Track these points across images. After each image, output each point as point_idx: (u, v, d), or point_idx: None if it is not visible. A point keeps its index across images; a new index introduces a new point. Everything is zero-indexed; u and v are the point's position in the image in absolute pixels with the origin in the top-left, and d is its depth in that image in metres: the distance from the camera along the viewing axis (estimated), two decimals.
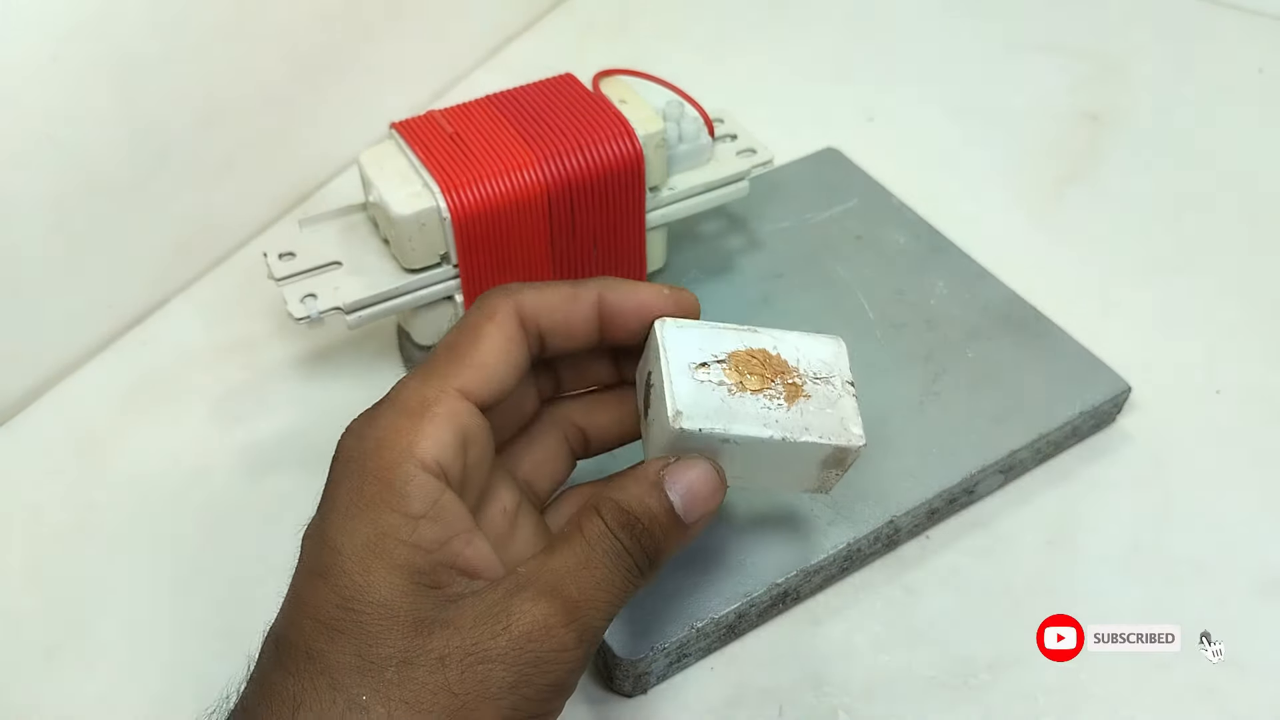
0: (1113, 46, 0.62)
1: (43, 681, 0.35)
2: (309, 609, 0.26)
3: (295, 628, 0.26)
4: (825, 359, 0.31)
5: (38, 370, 0.44)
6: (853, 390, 0.31)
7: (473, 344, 0.29)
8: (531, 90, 0.41)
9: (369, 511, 0.26)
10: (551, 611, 0.26)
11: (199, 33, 0.45)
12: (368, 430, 0.27)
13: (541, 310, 0.30)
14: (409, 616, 0.25)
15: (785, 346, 0.31)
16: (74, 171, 0.42)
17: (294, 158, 0.52)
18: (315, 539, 0.27)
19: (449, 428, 0.27)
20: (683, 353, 0.30)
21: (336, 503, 0.27)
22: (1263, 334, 0.45)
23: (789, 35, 0.64)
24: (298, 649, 0.25)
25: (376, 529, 0.26)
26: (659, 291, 0.31)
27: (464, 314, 0.30)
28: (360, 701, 0.24)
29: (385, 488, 0.26)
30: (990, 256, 0.46)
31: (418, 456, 0.27)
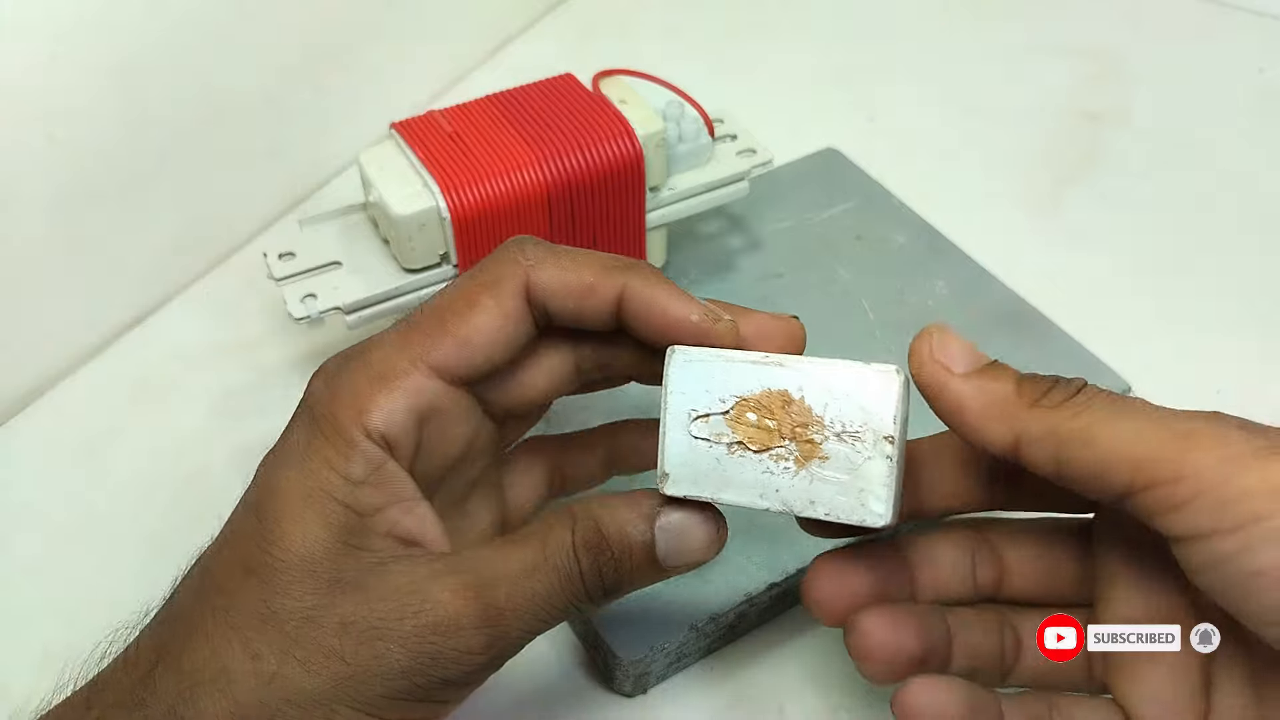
0: (1113, 46, 0.62)
1: (42, 681, 0.35)
2: (234, 542, 0.26)
3: (218, 557, 0.26)
4: (865, 404, 0.25)
5: (38, 370, 0.44)
6: (890, 450, 0.25)
7: (463, 314, 0.27)
8: (531, 90, 0.41)
9: (312, 463, 0.26)
10: (466, 611, 0.25)
11: (199, 33, 0.45)
12: (334, 380, 0.27)
13: (553, 293, 0.27)
14: (327, 574, 0.25)
15: (813, 387, 0.25)
16: (74, 171, 0.42)
17: (294, 157, 0.52)
18: (262, 474, 0.27)
19: (406, 403, 0.26)
20: (687, 396, 0.26)
21: (288, 444, 0.27)
22: (1263, 334, 0.45)
23: (789, 35, 0.64)
24: (214, 581, 0.26)
25: (315, 481, 0.26)
26: (688, 314, 0.27)
27: (473, 269, 0.28)
28: (253, 648, 0.24)
29: (331, 446, 0.26)
30: (990, 256, 0.46)
31: (364, 425, 0.26)
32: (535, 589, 0.26)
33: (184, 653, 0.25)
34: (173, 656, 0.25)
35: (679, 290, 0.27)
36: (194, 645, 0.25)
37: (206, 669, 0.24)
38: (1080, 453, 0.24)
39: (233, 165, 0.49)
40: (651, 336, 0.28)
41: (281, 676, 0.24)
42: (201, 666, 0.24)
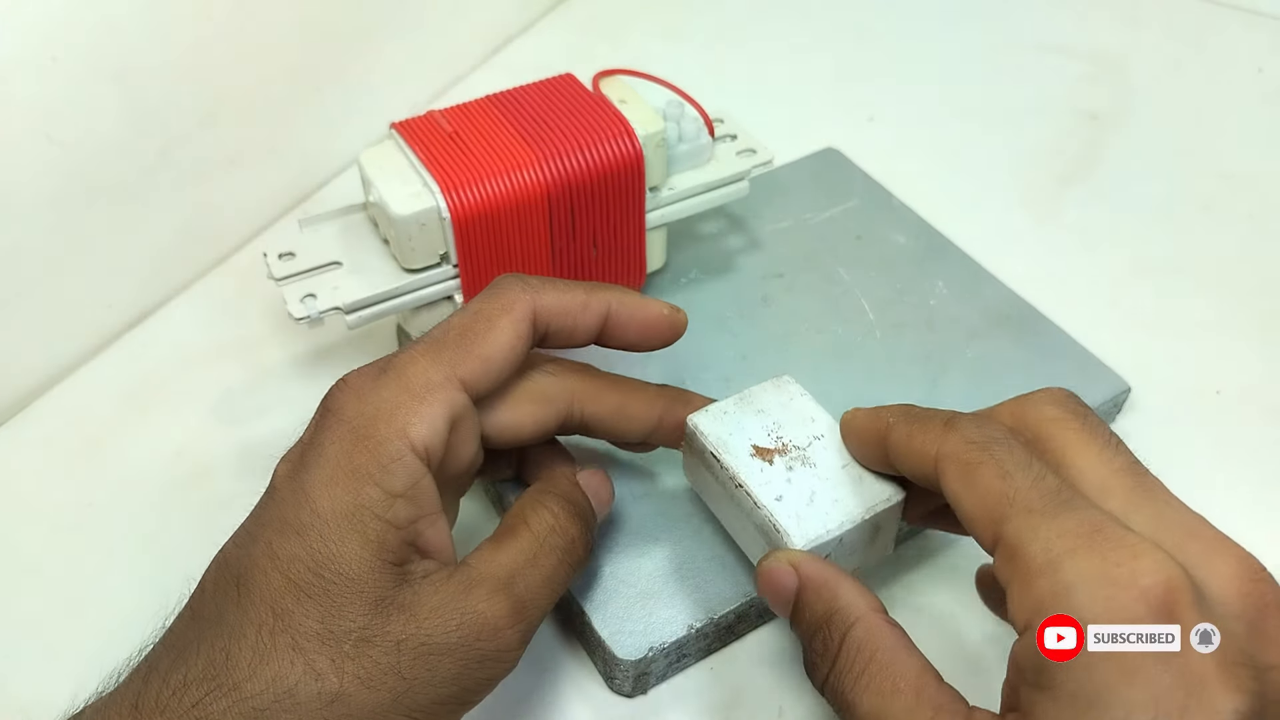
0: (1113, 46, 0.62)
1: (42, 681, 0.35)
2: (281, 563, 0.26)
3: (264, 577, 0.26)
4: (809, 412, 0.33)
5: (38, 370, 0.44)
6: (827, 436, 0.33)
7: (484, 334, 0.30)
8: (531, 90, 0.41)
9: (353, 480, 0.27)
10: (502, 613, 0.28)
11: (199, 33, 0.45)
12: (370, 395, 0.28)
13: (555, 314, 0.31)
14: (372, 593, 0.26)
15: (766, 406, 0.34)
16: (74, 171, 0.42)
17: (294, 157, 0.52)
18: (296, 489, 0.27)
19: (444, 414, 0.28)
20: (740, 458, 0.32)
21: (324, 459, 0.27)
22: (1263, 334, 0.45)
23: (789, 35, 0.64)
24: (263, 601, 0.26)
25: (357, 499, 0.27)
26: (660, 310, 0.33)
27: (482, 297, 0.31)
28: (317, 668, 0.25)
29: (373, 461, 0.27)
30: (990, 256, 0.46)
31: (410, 437, 0.27)
32: (544, 573, 0.29)
33: (244, 678, 0.25)
34: (229, 680, 0.25)
35: (644, 299, 0.33)
36: (254, 669, 0.25)
37: (269, 692, 0.25)
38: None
39: (232, 165, 0.49)
40: (631, 337, 0.33)
41: (345, 695, 0.25)
42: (264, 690, 0.25)
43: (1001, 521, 0.25)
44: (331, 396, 0.29)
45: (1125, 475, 0.26)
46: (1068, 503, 0.24)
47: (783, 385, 0.34)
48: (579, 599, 0.34)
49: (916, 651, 0.27)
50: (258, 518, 0.28)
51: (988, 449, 0.26)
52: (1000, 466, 0.26)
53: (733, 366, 0.41)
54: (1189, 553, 0.24)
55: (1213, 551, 0.24)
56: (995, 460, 0.26)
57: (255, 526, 0.27)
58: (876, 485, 0.31)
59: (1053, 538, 0.24)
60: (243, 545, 0.27)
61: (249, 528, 0.28)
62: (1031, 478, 0.25)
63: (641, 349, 0.34)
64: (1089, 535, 0.23)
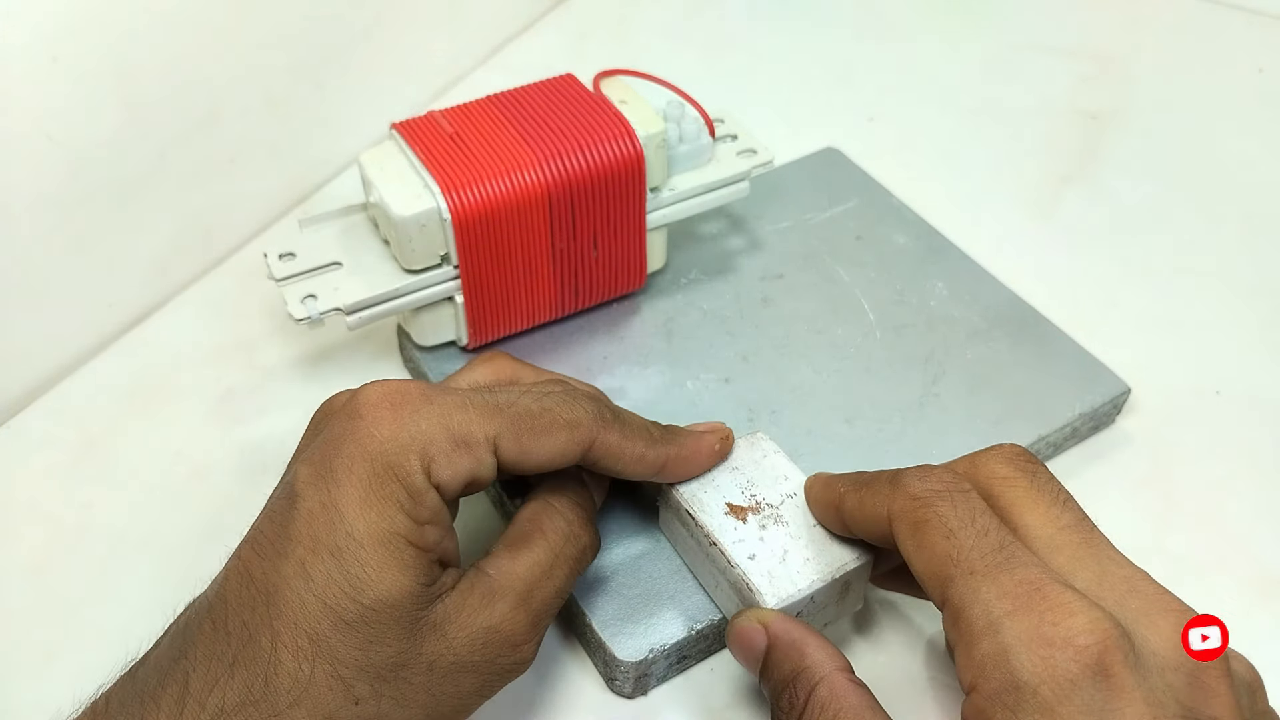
0: (1113, 46, 0.62)
1: (43, 682, 0.35)
2: (316, 586, 0.26)
3: (299, 599, 0.26)
4: (782, 470, 0.34)
5: (38, 370, 0.44)
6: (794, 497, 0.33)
7: (539, 434, 0.29)
8: (532, 90, 0.41)
9: (385, 504, 0.27)
10: (523, 626, 0.29)
11: (199, 33, 0.45)
12: (409, 422, 0.28)
13: (607, 456, 0.31)
14: (408, 619, 0.26)
15: (746, 467, 0.34)
16: (74, 171, 0.42)
17: (294, 158, 0.52)
18: (327, 505, 0.26)
19: (469, 469, 0.28)
20: (715, 517, 0.33)
21: (354, 477, 0.27)
22: (1263, 334, 0.45)
23: (789, 35, 0.64)
24: (299, 625, 0.25)
25: (391, 526, 0.26)
26: (711, 448, 0.34)
27: (558, 395, 0.30)
28: (357, 694, 0.26)
29: (403, 490, 0.27)
30: (990, 257, 0.46)
31: (433, 475, 0.27)
32: (557, 582, 0.30)
33: (285, 706, 0.25)
34: (270, 709, 0.25)
35: (699, 444, 0.33)
36: (296, 698, 0.25)
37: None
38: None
39: (233, 165, 0.48)
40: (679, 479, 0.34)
41: (380, 716, 0.26)
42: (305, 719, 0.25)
43: (946, 583, 0.26)
44: (365, 401, 0.28)
45: (1071, 532, 0.26)
46: (1008, 561, 0.25)
47: (756, 442, 0.35)
48: (580, 600, 0.34)
49: (881, 711, 0.27)
50: (284, 529, 0.27)
51: (931, 505, 0.27)
52: (944, 524, 0.26)
53: (733, 367, 0.41)
54: (1129, 609, 0.24)
55: (1153, 607, 0.25)
56: (939, 517, 0.26)
57: (281, 540, 0.27)
58: (847, 544, 0.32)
59: (992, 599, 0.24)
60: (269, 559, 0.26)
61: (273, 539, 0.27)
62: (974, 535, 0.26)
63: None
64: (1027, 596, 0.24)
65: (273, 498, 0.29)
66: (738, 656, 0.30)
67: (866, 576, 0.33)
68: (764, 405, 0.40)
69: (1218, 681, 0.24)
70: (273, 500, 0.28)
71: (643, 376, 0.41)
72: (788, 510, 0.33)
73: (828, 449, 0.38)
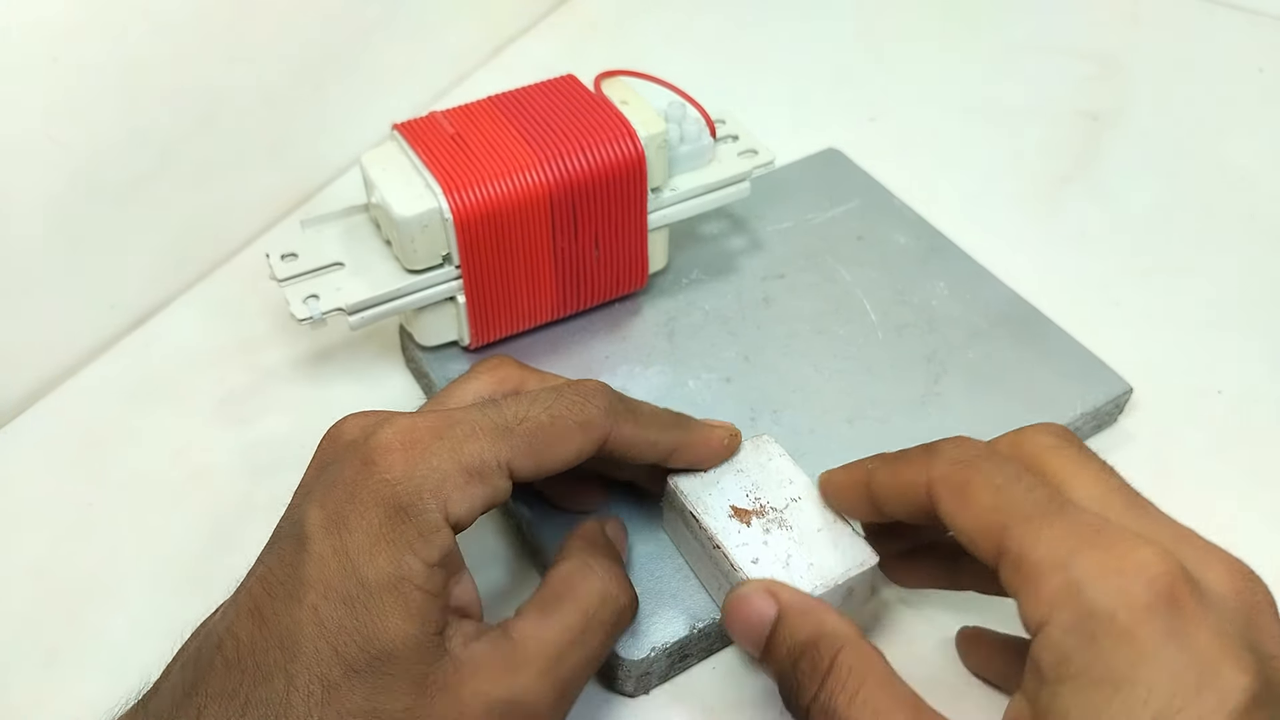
0: (1113, 46, 0.62)
1: (43, 682, 0.35)
2: (329, 633, 0.25)
3: (312, 645, 0.25)
4: (787, 474, 0.34)
5: (39, 371, 0.44)
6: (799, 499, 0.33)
7: (553, 445, 0.29)
8: (533, 91, 0.41)
9: (394, 548, 0.26)
10: (547, 699, 0.27)
11: (199, 33, 0.45)
12: (420, 461, 0.27)
13: (622, 446, 0.31)
14: (418, 671, 0.26)
15: (752, 471, 0.34)
16: (74, 171, 0.42)
17: (296, 158, 0.52)
18: (338, 550, 0.26)
19: (486, 497, 0.28)
20: (719, 519, 0.33)
21: (365, 522, 0.26)
22: (1263, 334, 0.45)
23: (790, 35, 0.64)
24: (312, 671, 0.25)
25: (399, 570, 0.26)
26: (720, 440, 0.34)
27: (567, 400, 0.30)
28: None
29: (414, 530, 0.26)
30: (990, 257, 0.46)
31: (448, 512, 0.27)
32: (589, 650, 0.29)
33: None
34: None
35: (708, 431, 0.33)
36: None
37: None
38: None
39: (234, 166, 0.48)
40: (688, 466, 0.34)
41: None
42: None
43: (1002, 532, 0.25)
44: (377, 445, 0.28)
45: (1120, 494, 0.27)
46: (1062, 508, 0.25)
47: (762, 445, 0.35)
48: None
49: (904, 682, 0.27)
50: (295, 572, 0.26)
51: (974, 465, 0.27)
52: (990, 480, 0.26)
53: (734, 367, 0.41)
54: (1184, 553, 0.25)
55: (1206, 554, 0.25)
56: (985, 475, 0.27)
57: (293, 583, 0.26)
58: (851, 550, 0.32)
59: (1056, 539, 0.25)
60: (281, 600, 0.26)
61: (284, 580, 0.26)
62: (1024, 488, 0.26)
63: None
64: (1091, 535, 0.25)
65: (280, 536, 0.28)
66: (736, 629, 0.29)
67: (869, 582, 0.33)
68: (765, 405, 0.40)
69: (1271, 622, 0.24)
70: (281, 539, 0.28)
71: (644, 376, 0.41)
72: (792, 514, 0.33)
73: (829, 449, 0.38)
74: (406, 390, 0.43)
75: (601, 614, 0.29)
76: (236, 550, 0.38)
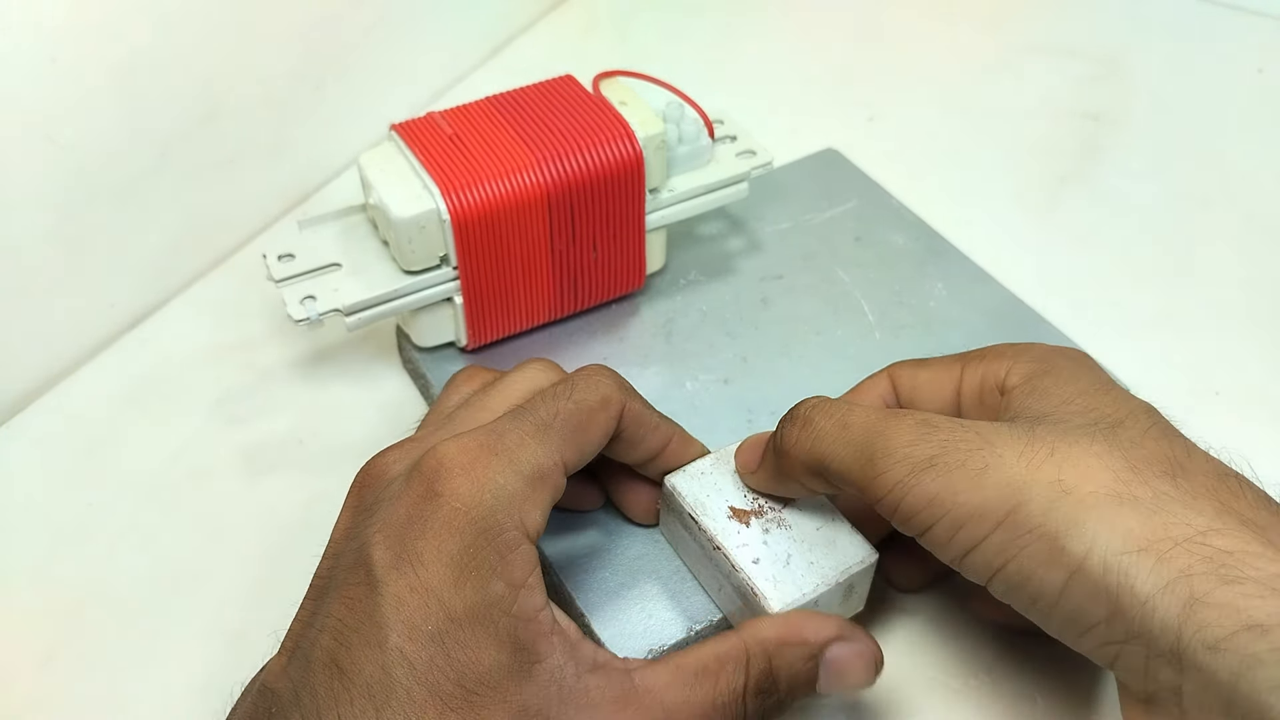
0: (1113, 46, 0.62)
1: (43, 682, 0.35)
2: (420, 673, 0.24)
3: (405, 692, 0.24)
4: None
5: (38, 370, 0.44)
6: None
7: (587, 429, 0.30)
8: (531, 92, 0.41)
9: (479, 575, 0.25)
10: None
11: (199, 32, 0.45)
12: (485, 480, 0.27)
13: (635, 422, 0.32)
14: (515, 701, 0.25)
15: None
16: (74, 171, 0.42)
17: (294, 159, 0.52)
18: (418, 587, 0.25)
19: (552, 500, 0.28)
20: (718, 520, 0.32)
21: (443, 552, 0.26)
22: (1263, 334, 0.45)
23: (789, 36, 0.64)
24: (405, 715, 0.24)
25: (485, 596, 0.25)
26: (702, 454, 0.34)
27: (580, 386, 0.30)
28: None
29: (494, 553, 0.26)
30: (990, 258, 0.46)
31: (528, 526, 0.27)
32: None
33: None
34: None
35: (694, 439, 0.34)
36: None
37: None
38: None
39: (232, 166, 0.49)
40: (667, 470, 0.34)
41: None
42: None
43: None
44: (437, 474, 0.27)
45: None
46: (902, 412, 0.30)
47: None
48: (578, 600, 0.34)
49: None
50: (371, 617, 0.25)
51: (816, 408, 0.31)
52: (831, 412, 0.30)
53: (732, 368, 0.41)
54: None
55: None
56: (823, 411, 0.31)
57: (371, 628, 0.25)
58: (851, 547, 0.32)
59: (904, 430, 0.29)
60: (359, 649, 0.25)
61: (358, 628, 0.25)
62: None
63: None
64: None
65: (340, 579, 0.27)
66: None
67: (869, 579, 0.33)
68: (763, 406, 0.40)
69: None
70: (342, 583, 0.26)
71: (642, 377, 0.41)
72: (790, 514, 0.33)
73: None
74: (403, 391, 0.43)
75: (727, 703, 0.27)
76: (234, 549, 0.38)
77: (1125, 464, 0.25)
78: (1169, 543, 0.24)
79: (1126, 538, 0.24)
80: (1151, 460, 0.26)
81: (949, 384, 0.31)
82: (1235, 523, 0.24)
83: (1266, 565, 0.23)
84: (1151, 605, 0.23)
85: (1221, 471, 0.26)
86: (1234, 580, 0.23)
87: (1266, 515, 0.25)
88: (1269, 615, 0.22)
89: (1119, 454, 0.26)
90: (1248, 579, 0.23)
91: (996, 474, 0.26)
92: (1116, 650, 0.25)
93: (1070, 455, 0.26)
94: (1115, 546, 0.24)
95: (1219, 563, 0.23)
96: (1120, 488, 0.25)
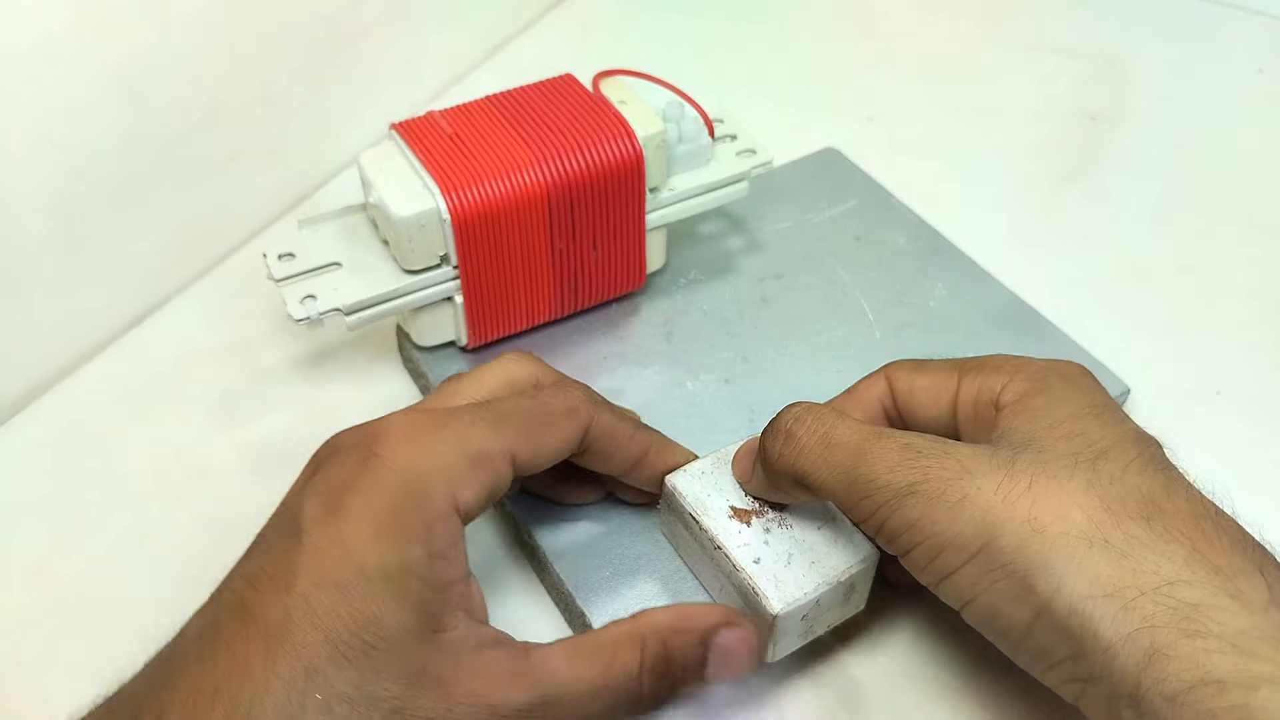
0: (1113, 46, 0.62)
1: (43, 682, 0.35)
2: (320, 620, 0.25)
3: (301, 634, 0.25)
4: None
5: (38, 370, 0.44)
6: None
7: (546, 428, 0.30)
8: (531, 91, 0.41)
9: (398, 537, 0.26)
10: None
11: (199, 33, 0.45)
12: (427, 449, 0.27)
13: (605, 435, 0.32)
14: (412, 662, 0.26)
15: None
16: (74, 171, 0.42)
17: (294, 158, 0.52)
18: (335, 539, 0.26)
19: (491, 484, 0.28)
20: (719, 520, 0.32)
21: (369, 509, 0.26)
22: (1263, 334, 0.45)
23: (789, 35, 0.64)
24: (298, 658, 0.25)
25: (401, 558, 0.26)
26: (688, 460, 0.34)
27: (550, 391, 0.32)
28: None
29: (419, 519, 0.26)
30: (990, 257, 0.46)
31: (459, 501, 0.27)
32: (595, 709, 0.28)
33: None
34: None
35: (678, 446, 0.35)
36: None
37: None
38: None
39: (232, 165, 0.48)
40: (649, 478, 0.34)
41: None
42: None
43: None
44: (380, 437, 0.28)
45: None
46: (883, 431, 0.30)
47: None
48: (578, 600, 0.34)
49: None
50: (287, 564, 0.26)
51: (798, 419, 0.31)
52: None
53: (733, 367, 0.41)
54: None
55: None
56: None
57: (284, 574, 0.26)
58: (851, 546, 0.32)
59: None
60: (268, 593, 0.26)
61: (273, 574, 0.26)
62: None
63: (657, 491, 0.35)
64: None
65: (270, 533, 0.28)
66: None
67: (870, 578, 0.33)
68: (764, 406, 0.40)
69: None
70: (271, 536, 0.27)
71: (642, 377, 0.41)
72: (791, 513, 0.33)
73: None
74: (403, 391, 0.43)
75: (620, 683, 0.28)
76: (235, 549, 0.38)
77: (1100, 504, 0.26)
78: (1135, 590, 0.24)
79: (1093, 582, 0.24)
80: (1127, 499, 0.26)
81: (946, 394, 0.31)
82: (1204, 572, 0.24)
83: (1230, 620, 0.23)
84: (1113, 652, 0.24)
85: (1198, 513, 0.26)
86: (1196, 634, 0.23)
87: (1240, 560, 0.25)
88: (1227, 672, 0.23)
89: (1095, 493, 0.26)
90: (1210, 634, 0.23)
91: (973, 506, 0.26)
92: (1081, 688, 0.25)
93: (1047, 491, 0.26)
94: (1081, 590, 0.24)
95: (1183, 614, 0.24)
96: (1092, 529, 0.25)
